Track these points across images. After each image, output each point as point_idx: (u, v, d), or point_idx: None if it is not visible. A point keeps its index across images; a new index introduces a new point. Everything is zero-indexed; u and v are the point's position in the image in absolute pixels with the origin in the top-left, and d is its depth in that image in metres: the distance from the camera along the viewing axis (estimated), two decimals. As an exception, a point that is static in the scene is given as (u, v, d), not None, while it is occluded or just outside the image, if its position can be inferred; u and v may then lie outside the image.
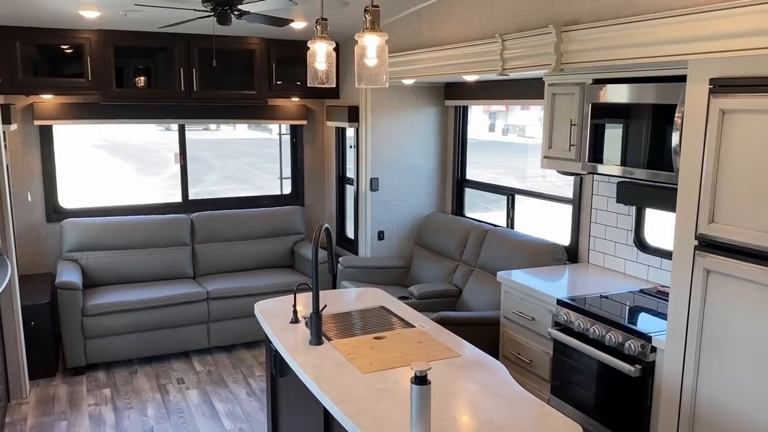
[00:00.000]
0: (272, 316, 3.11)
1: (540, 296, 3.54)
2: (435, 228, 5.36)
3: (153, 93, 5.40)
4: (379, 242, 5.57)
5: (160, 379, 4.80)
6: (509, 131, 14.58)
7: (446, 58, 4.18)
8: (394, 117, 5.47)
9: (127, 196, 8.96)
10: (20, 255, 5.32)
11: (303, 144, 6.37)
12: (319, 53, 2.68)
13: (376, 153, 5.44)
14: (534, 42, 3.34)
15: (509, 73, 3.61)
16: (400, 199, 5.60)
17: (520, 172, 11.39)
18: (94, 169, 13.01)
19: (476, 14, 4.03)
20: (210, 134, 20.77)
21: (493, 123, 14.92)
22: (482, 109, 13.89)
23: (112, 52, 5.14)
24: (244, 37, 5.52)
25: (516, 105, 5.33)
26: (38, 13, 4.45)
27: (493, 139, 14.40)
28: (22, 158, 5.31)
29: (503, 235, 4.61)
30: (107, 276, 5.30)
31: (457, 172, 5.62)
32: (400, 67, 4.76)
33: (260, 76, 5.66)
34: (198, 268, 5.64)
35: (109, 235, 5.34)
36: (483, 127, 14.99)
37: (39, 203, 5.43)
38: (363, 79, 2.30)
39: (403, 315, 3.16)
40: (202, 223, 5.69)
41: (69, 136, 6.21)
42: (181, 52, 5.35)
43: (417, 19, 4.70)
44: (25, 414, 4.24)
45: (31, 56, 4.95)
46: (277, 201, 6.35)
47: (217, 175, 17.11)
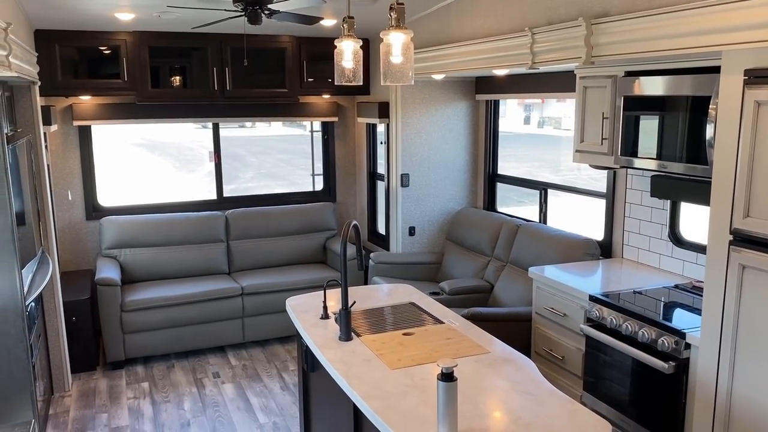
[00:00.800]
0: (303, 311, 3.15)
1: (572, 292, 3.50)
2: (466, 223, 5.34)
3: (187, 92, 5.50)
4: (410, 238, 5.58)
5: (196, 373, 4.90)
6: (545, 124, 14.40)
7: (475, 52, 4.16)
8: (425, 112, 5.46)
9: (165, 194, 9.15)
10: (61, 252, 5.48)
11: (334, 141, 6.41)
12: (346, 51, 2.69)
13: (406, 149, 5.45)
14: (564, 35, 3.29)
15: (539, 66, 3.58)
16: (431, 194, 5.60)
17: (555, 166, 11.25)
18: (132, 167, 13.29)
19: (505, 8, 4.00)
20: (245, 131, 21.03)
21: (528, 115, 14.76)
22: (517, 102, 13.74)
23: (147, 53, 5.25)
24: (275, 35, 5.58)
25: (548, 98, 5.26)
26: (76, 16, 4.56)
27: (529, 132, 14.24)
28: (63, 158, 5.47)
29: (535, 230, 4.58)
30: (145, 272, 5.42)
31: (489, 167, 5.59)
32: (429, 62, 4.74)
33: (291, 74, 5.71)
34: (233, 264, 5.73)
35: (147, 233, 5.46)
36: (518, 119, 14.83)
37: (79, 202, 5.58)
38: (389, 76, 2.31)
39: (432, 311, 3.17)
40: (237, 220, 5.78)
41: (107, 136, 6.36)
42: (214, 51, 5.43)
43: (446, 14, 4.69)
44: (67, 406, 4.38)
45: (69, 59, 5.09)
46: (309, 197, 6.41)
47: (253, 172, 17.32)
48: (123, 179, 10.90)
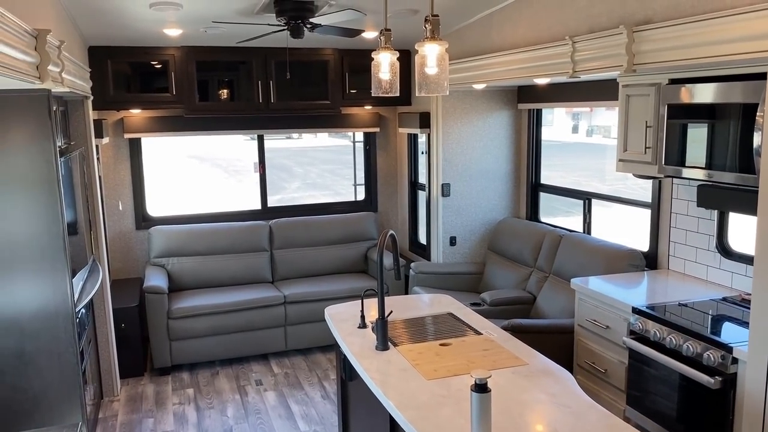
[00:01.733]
0: (341, 321, 3.18)
1: (614, 304, 3.43)
2: (508, 233, 5.29)
3: (233, 105, 5.63)
4: (451, 248, 5.56)
5: (239, 381, 4.98)
6: (594, 132, 14.15)
7: (516, 61, 4.14)
8: (466, 122, 5.45)
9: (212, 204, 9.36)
10: (112, 261, 5.66)
11: (376, 151, 6.45)
12: (383, 63, 2.72)
13: (447, 158, 5.45)
14: (604, 43, 3.25)
15: (580, 75, 3.54)
16: (472, 204, 5.57)
17: (604, 175, 11.05)
18: (181, 178, 13.63)
19: (547, 16, 3.97)
20: (292, 142, 21.37)
21: (576, 124, 14.53)
22: (565, 111, 13.55)
23: (194, 68, 5.40)
24: (318, 48, 5.66)
25: (591, 107, 5.19)
26: (127, 33, 4.74)
27: (577, 141, 14.02)
28: (114, 169, 5.66)
29: (578, 241, 4.51)
30: (191, 280, 5.55)
31: (532, 176, 5.53)
32: (470, 72, 4.74)
33: (334, 85, 5.78)
34: (276, 272, 5.82)
35: (193, 242, 5.60)
36: (566, 128, 14.62)
37: (129, 212, 5.76)
38: (423, 87, 2.33)
39: (470, 322, 3.15)
40: (280, 230, 5.87)
41: (157, 148, 6.55)
42: (259, 65, 5.55)
43: (487, 23, 4.68)
44: (116, 411, 4.51)
45: (121, 74, 5.28)
46: (351, 207, 6.46)
47: (299, 182, 17.56)
48: (171, 190, 11.19)
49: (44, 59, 2.50)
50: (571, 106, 4.85)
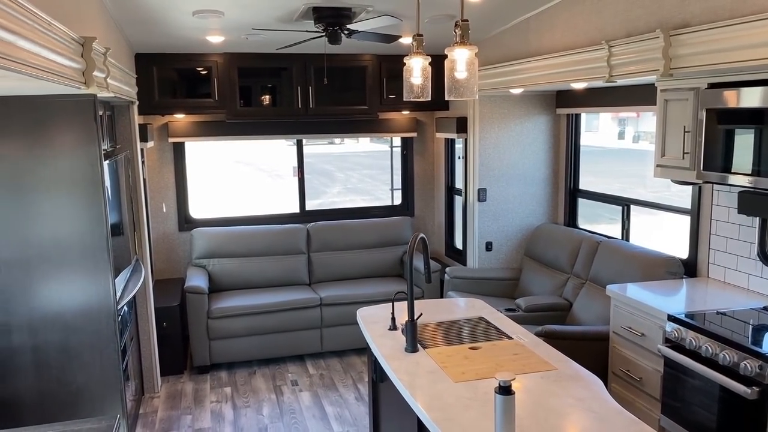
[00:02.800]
0: (372, 322, 3.21)
1: (650, 311, 3.38)
2: (545, 239, 5.25)
3: (273, 110, 5.75)
4: (487, 253, 5.55)
5: (275, 381, 5.06)
6: (640, 138, 13.89)
7: (552, 66, 4.12)
8: (503, 126, 5.44)
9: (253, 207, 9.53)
10: (155, 261, 5.83)
11: (413, 155, 6.49)
12: (415, 68, 2.76)
13: (484, 163, 5.44)
14: (641, 47, 3.22)
15: (616, 80, 3.50)
16: (508, 209, 5.55)
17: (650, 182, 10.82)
18: (223, 181, 13.89)
19: (584, 21, 3.95)
20: (334, 148, 21.57)
21: (622, 130, 14.28)
22: (611, 116, 13.32)
23: (236, 74, 5.53)
24: (357, 54, 5.73)
25: (630, 112, 5.11)
26: (172, 40, 4.89)
27: (623, 147, 13.77)
28: (158, 173, 5.83)
29: (616, 247, 4.44)
30: (231, 281, 5.67)
31: (570, 182, 5.48)
32: (507, 77, 4.73)
33: (372, 91, 5.85)
34: (313, 275, 5.90)
35: (233, 244, 5.72)
36: (612, 134, 14.38)
37: (172, 214, 5.92)
38: (453, 91, 2.35)
39: (501, 326, 3.15)
40: (318, 233, 5.95)
41: (199, 151, 6.72)
42: (299, 71, 5.65)
43: (525, 28, 4.67)
44: (156, 407, 4.64)
45: (165, 80, 5.44)
46: (387, 211, 6.51)
47: (340, 187, 17.71)
48: (213, 193, 11.42)
49: (90, 65, 2.62)
50: (610, 110, 4.80)
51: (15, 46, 1.67)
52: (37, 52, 1.90)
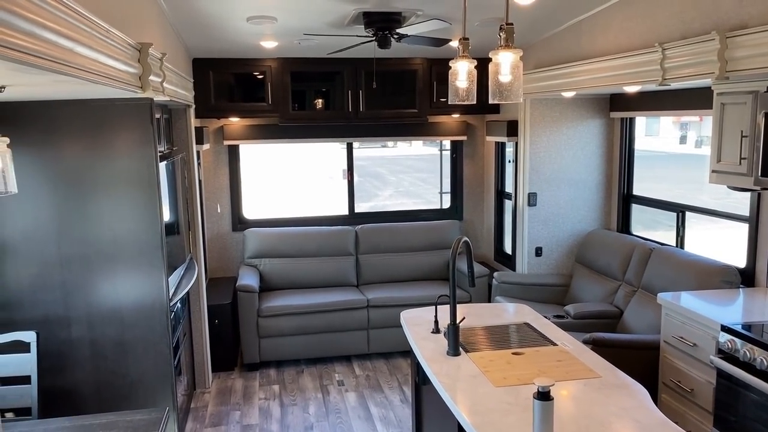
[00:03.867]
0: (415, 325, 3.23)
1: (702, 320, 3.28)
2: (597, 245, 5.15)
3: (324, 114, 5.84)
4: (536, 258, 5.48)
5: (322, 380, 5.13)
6: (703, 143, 13.46)
7: (605, 69, 4.05)
8: (554, 130, 5.36)
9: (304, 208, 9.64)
10: (210, 260, 6.00)
11: (463, 159, 6.47)
12: (461, 72, 2.76)
13: (534, 167, 5.38)
14: (695, 50, 3.13)
15: (669, 83, 3.42)
16: (559, 214, 5.47)
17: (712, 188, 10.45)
18: (275, 182, 14.13)
19: (638, 23, 3.86)
20: (386, 151, 21.68)
21: (684, 134, 13.87)
22: (672, 120, 12.93)
23: (289, 78, 5.64)
24: (407, 58, 5.76)
25: (687, 116, 4.96)
26: (227, 45, 5.03)
27: (685, 152, 13.37)
28: (214, 174, 6.00)
29: (669, 255, 4.33)
30: (281, 281, 5.78)
31: (624, 187, 5.36)
32: (558, 80, 4.67)
33: (422, 94, 5.86)
34: (361, 276, 5.95)
35: (284, 244, 5.83)
36: (673, 138, 13.96)
37: (226, 214, 6.08)
38: (497, 95, 2.35)
39: (546, 333, 3.11)
40: (366, 235, 6.00)
41: (253, 153, 6.87)
42: (350, 75, 5.72)
43: (577, 31, 4.60)
44: (206, 402, 4.77)
45: (221, 84, 5.60)
46: (436, 215, 6.51)
47: (391, 190, 17.77)
48: (266, 194, 11.63)
49: (146, 70, 2.73)
50: (665, 114, 4.67)
51: (73, 52, 1.77)
52: (95, 58, 2.00)
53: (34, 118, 3.14)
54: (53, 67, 1.59)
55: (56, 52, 1.62)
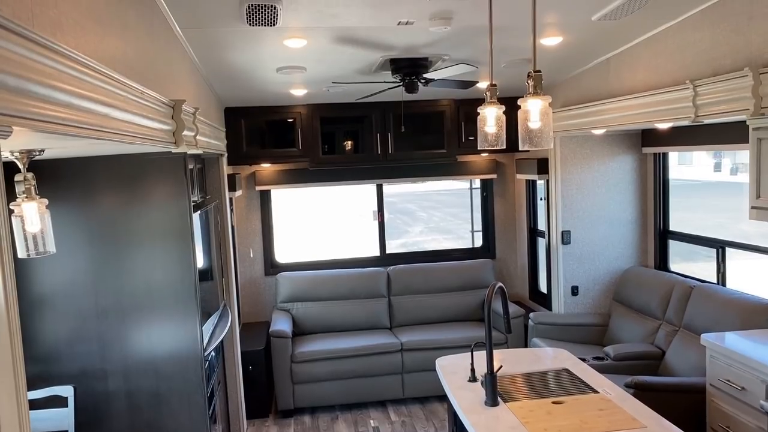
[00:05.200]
0: (451, 373, 3.17)
1: (750, 363, 3.16)
2: (635, 283, 5.03)
3: (354, 157, 5.88)
4: (573, 298, 5.37)
5: (357, 426, 5.06)
6: (738, 171, 13.20)
7: (635, 107, 4.01)
8: (585, 167, 5.31)
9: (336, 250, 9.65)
10: (242, 305, 6.02)
11: (493, 197, 6.43)
12: (489, 117, 2.76)
13: (566, 205, 5.31)
14: (728, 86, 3.09)
15: (703, 120, 3.37)
16: (594, 252, 5.37)
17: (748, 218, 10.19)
18: (306, 225, 14.22)
19: (666, 60, 3.83)
20: (415, 186, 21.71)
21: (719, 162, 13.62)
22: (704, 147, 12.69)
23: (319, 123, 5.72)
24: (434, 99, 5.80)
25: (721, 150, 4.87)
26: (258, 94, 5.13)
27: (720, 180, 13.12)
28: (246, 219, 6.06)
29: (711, 293, 4.20)
30: (313, 325, 5.76)
31: (660, 223, 5.25)
32: (588, 117, 4.64)
33: (450, 134, 5.88)
34: (394, 319, 5.90)
35: (316, 288, 5.83)
36: (707, 166, 13.72)
37: (259, 259, 6.12)
38: (527, 141, 2.34)
39: (586, 379, 3.03)
40: (398, 276, 5.97)
41: (285, 197, 6.94)
42: (378, 118, 5.77)
43: (605, 68, 4.58)
44: (241, 450, 4.73)
45: (253, 131, 5.70)
46: (468, 254, 6.45)
47: (422, 226, 17.73)
48: (298, 236, 11.71)
49: (179, 126, 2.78)
50: (698, 149, 4.60)
51: (109, 117, 1.81)
52: (130, 120, 2.05)
53: (72, 175, 3.22)
54: (89, 134, 1.63)
55: (93, 119, 1.66)
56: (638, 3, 3.27)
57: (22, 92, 1.24)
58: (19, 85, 1.22)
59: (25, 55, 1.25)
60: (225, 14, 3.10)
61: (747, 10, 3.15)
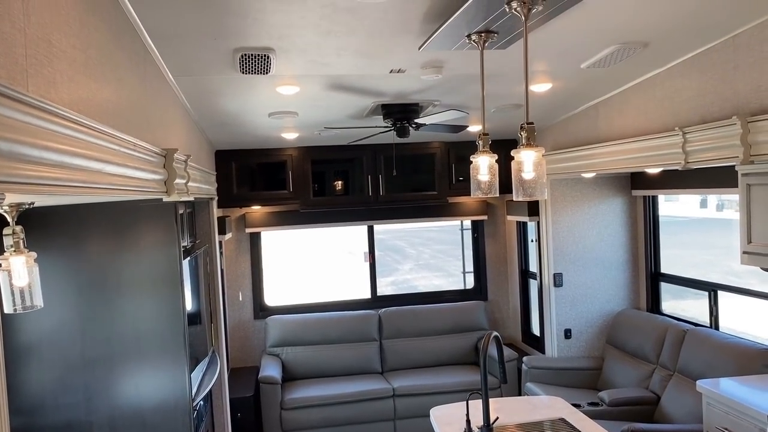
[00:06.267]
0: (446, 424, 3.11)
1: (747, 410, 3.12)
2: (628, 326, 5.01)
3: (344, 199, 5.88)
4: (566, 341, 5.33)
5: (349, 475, 4.93)
6: (724, 207, 13.30)
7: (625, 151, 4.05)
8: (576, 209, 5.33)
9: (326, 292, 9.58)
10: (231, 349, 5.92)
11: (485, 238, 6.43)
12: (482, 166, 2.76)
13: (558, 247, 5.31)
14: (718, 134, 3.13)
15: (693, 166, 3.40)
16: (587, 294, 5.36)
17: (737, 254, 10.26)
18: (296, 266, 14.13)
19: (656, 106, 3.88)
20: (404, 224, 21.66)
21: (704, 198, 13.72)
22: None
23: (310, 166, 5.72)
24: (425, 142, 5.83)
25: (711, 194, 4.91)
26: (249, 138, 5.14)
27: (706, 216, 13.21)
28: (235, 262, 6.01)
29: (705, 337, 4.18)
30: (304, 370, 5.66)
31: (651, 265, 5.26)
32: (578, 161, 4.68)
33: (441, 176, 5.90)
34: (386, 363, 5.82)
35: (306, 332, 5.75)
36: (694, 203, 13.82)
37: (248, 302, 6.05)
38: (520, 192, 2.34)
39: (583, 429, 2.98)
40: (389, 319, 5.91)
41: (274, 239, 6.90)
42: (369, 161, 5.79)
43: (594, 113, 4.64)
44: (229, 502, 4.59)
45: (243, 174, 5.69)
46: (460, 295, 6.41)
47: (411, 264, 17.67)
48: (287, 278, 11.62)
49: (171, 175, 2.77)
50: (688, 193, 4.63)
51: (102, 173, 1.79)
52: (123, 173, 2.03)
53: (60, 222, 3.17)
54: (83, 192, 1.61)
55: (86, 176, 1.64)
56: (627, 52, 3.33)
57: (15, 156, 1.22)
58: (12, 150, 1.20)
59: (19, 118, 1.23)
60: (218, 62, 3.11)
61: (732, 59, 3.21)
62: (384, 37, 2.90)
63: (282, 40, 2.83)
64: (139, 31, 2.51)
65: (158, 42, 2.71)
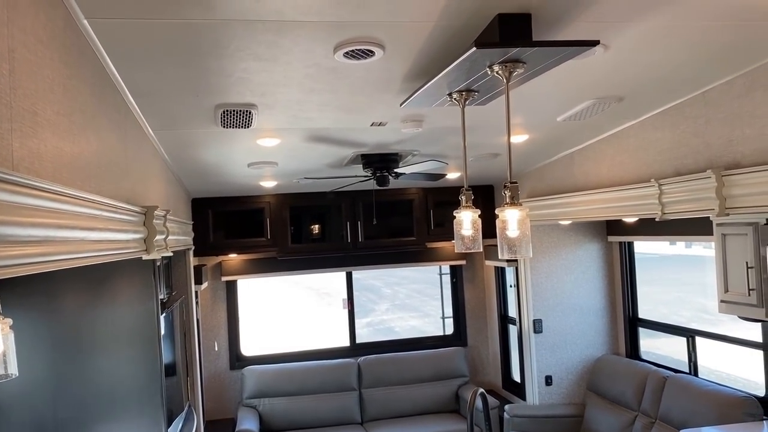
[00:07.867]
0: (431, 483, 3.04)
1: (732, 464, 3.12)
2: (608, 373, 5.01)
3: (323, 246, 5.84)
4: (547, 387, 5.31)
5: None
6: (692, 244, 13.55)
7: (602, 200, 4.11)
8: (554, 255, 5.37)
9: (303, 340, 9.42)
10: (207, 401, 5.76)
11: (463, 283, 6.43)
12: (465, 221, 2.78)
13: (537, 293, 5.33)
14: (693, 186, 3.19)
15: (670, 217, 3.46)
16: (566, 341, 5.36)
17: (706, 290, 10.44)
18: (273, 314, 13.93)
19: (630, 157, 3.97)
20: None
21: (674, 235, 13.96)
22: (660, 223, 13.05)
23: (288, 213, 5.69)
24: (404, 188, 5.86)
25: (685, 241, 5.00)
26: (227, 186, 5.11)
27: (676, 253, 13.43)
28: (211, 311, 5.90)
29: (685, 384, 4.20)
30: (281, 422, 5.53)
31: (628, 311, 5.30)
32: (554, 209, 4.74)
33: (419, 222, 5.91)
34: (365, 413, 5.71)
35: (284, 382, 5.64)
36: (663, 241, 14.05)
37: (224, 352, 5.92)
38: (506, 250, 2.34)
39: (570, 485, 2.94)
40: (369, 367, 5.83)
41: (251, 287, 6.82)
42: (348, 208, 5.79)
43: (569, 162, 4.72)
44: None
45: (220, 222, 5.63)
46: (440, 341, 6.37)
47: (388, 304, 17.56)
48: (264, 326, 11.43)
49: (151, 233, 2.72)
50: (664, 239, 4.71)
51: (86, 240, 1.75)
52: (105, 237, 1.99)
53: (34, 279, 3.09)
54: (67, 264, 1.57)
55: (70, 247, 1.60)
56: (602, 106, 3.40)
57: (4, 239, 1.19)
58: (1, 233, 1.17)
59: (6, 199, 1.20)
60: (199, 117, 3.11)
61: (703, 114, 3.30)
62: (365, 94, 2.92)
63: (265, 97, 2.84)
64: (120, 88, 2.50)
65: (139, 99, 2.70)
